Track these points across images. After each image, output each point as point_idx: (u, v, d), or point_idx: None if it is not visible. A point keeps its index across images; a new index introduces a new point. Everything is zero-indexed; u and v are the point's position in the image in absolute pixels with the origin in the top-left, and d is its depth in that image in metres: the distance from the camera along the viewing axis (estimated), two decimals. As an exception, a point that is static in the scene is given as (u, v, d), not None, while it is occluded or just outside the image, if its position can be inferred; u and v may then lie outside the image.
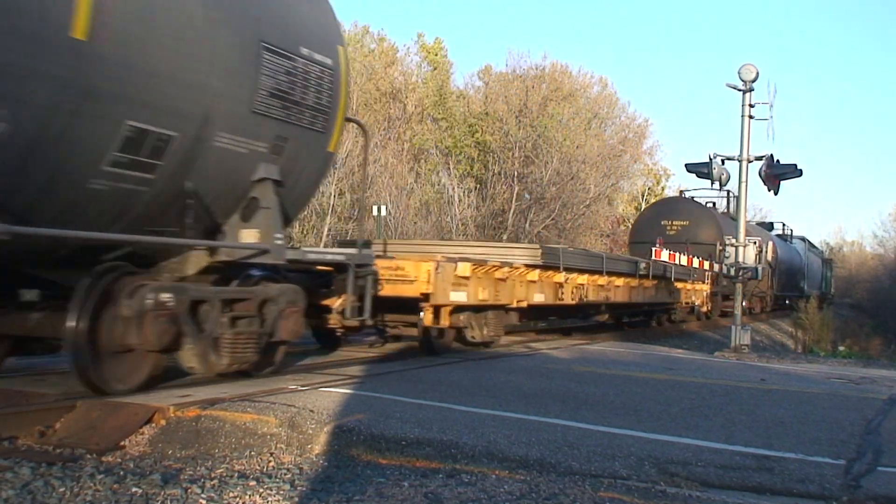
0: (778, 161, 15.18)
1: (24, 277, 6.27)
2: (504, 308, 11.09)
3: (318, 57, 7.32)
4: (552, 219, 35.27)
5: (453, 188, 32.98)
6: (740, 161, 15.18)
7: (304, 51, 7.14)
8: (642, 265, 16.23)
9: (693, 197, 27.86)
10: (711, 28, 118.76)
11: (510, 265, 10.97)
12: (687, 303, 21.66)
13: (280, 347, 7.56)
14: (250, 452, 5.04)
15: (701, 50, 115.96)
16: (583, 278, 13.41)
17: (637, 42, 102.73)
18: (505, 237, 33.18)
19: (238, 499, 4.11)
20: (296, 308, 7.46)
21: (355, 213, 27.61)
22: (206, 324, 6.60)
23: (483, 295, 10.31)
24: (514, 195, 34.92)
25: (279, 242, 7.00)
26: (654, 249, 15.36)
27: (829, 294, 49.03)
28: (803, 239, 42.87)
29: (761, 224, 37.78)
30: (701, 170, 16.44)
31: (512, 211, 34.79)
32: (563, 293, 12.58)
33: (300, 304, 7.54)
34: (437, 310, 9.56)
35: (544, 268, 11.88)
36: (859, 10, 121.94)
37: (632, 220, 35.69)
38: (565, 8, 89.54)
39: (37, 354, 7.32)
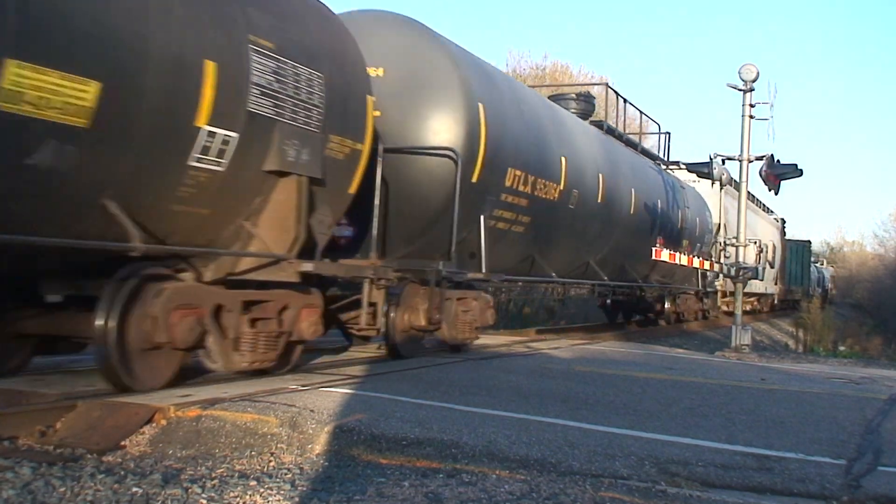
0: (778, 161, 15.18)
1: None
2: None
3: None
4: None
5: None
6: (741, 161, 15.18)
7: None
8: None
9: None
10: (712, 28, 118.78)
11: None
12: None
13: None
14: (251, 452, 5.04)
15: (701, 50, 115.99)
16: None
17: (637, 42, 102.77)
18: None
19: (239, 499, 4.11)
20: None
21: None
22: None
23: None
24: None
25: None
26: (654, 249, 15.25)
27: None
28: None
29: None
30: (701, 170, 16.46)
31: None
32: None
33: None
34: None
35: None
36: (860, 10, 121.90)
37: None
38: (565, 7, 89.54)
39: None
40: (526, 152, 10.84)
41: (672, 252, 15.61)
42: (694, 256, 17.47)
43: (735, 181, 16.13)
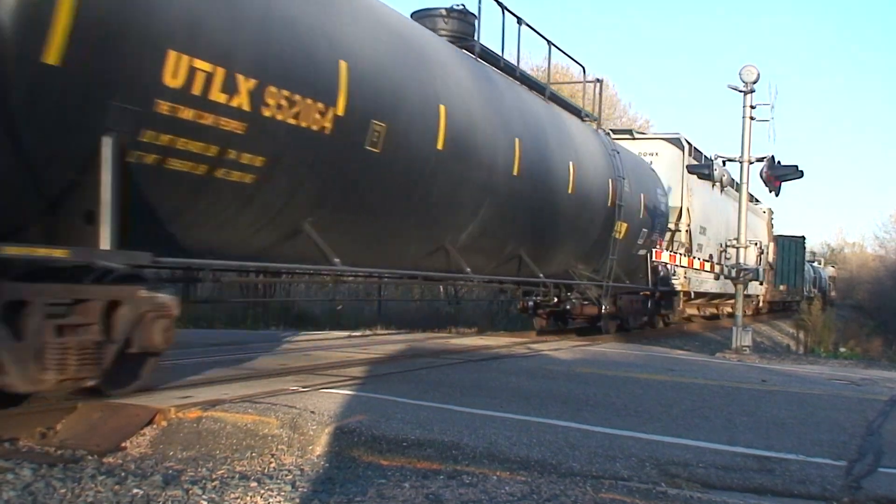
0: (779, 162, 15.17)
1: None
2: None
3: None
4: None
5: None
6: (741, 162, 15.18)
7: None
8: None
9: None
10: (712, 29, 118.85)
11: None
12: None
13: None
14: (251, 453, 5.04)
15: (702, 51, 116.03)
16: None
17: (638, 43, 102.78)
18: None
19: (239, 500, 4.11)
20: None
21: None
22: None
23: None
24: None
25: None
26: (654, 251, 15.24)
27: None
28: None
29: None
30: (702, 171, 16.45)
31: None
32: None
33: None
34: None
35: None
36: (860, 10, 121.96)
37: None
38: (565, 7, 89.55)
39: None
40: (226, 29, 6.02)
41: (673, 253, 15.44)
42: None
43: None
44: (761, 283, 24.04)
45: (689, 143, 20.89)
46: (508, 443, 5.13)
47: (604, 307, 15.13)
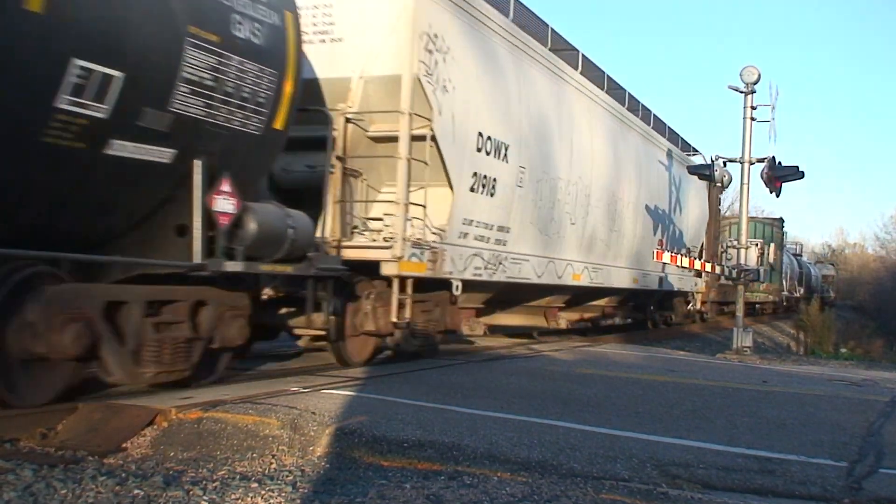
0: (780, 163, 15.15)
1: None
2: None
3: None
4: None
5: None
6: (742, 163, 15.16)
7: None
8: None
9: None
10: (713, 29, 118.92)
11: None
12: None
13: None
14: (252, 454, 5.04)
15: (702, 51, 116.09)
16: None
17: (638, 43, 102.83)
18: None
19: (240, 500, 4.11)
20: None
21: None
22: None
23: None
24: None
25: None
26: (654, 251, 15.20)
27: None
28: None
29: None
30: (703, 171, 16.44)
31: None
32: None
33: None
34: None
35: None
36: (861, 10, 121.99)
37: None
38: (565, 6, 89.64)
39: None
40: None
41: (673, 254, 15.23)
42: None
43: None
44: (699, 276, 19.51)
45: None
46: (509, 444, 5.13)
47: None
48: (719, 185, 16.84)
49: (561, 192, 12.42)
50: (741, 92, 14.93)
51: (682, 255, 15.90)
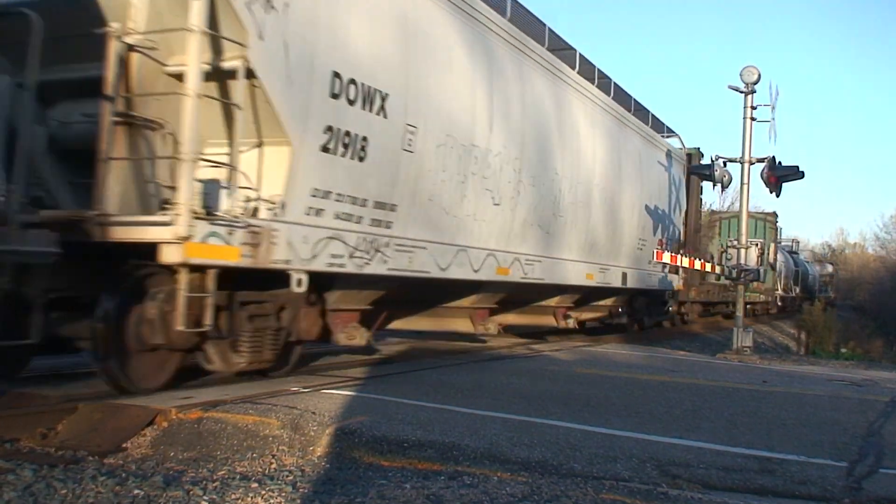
0: (780, 163, 15.14)
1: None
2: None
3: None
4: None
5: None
6: (742, 163, 15.16)
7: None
8: None
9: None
10: (713, 30, 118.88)
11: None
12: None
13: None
14: (252, 454, 5.04)
15: (703, 51, 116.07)
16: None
17: (638, 44, 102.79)
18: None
19: (240, 500, 4.11)
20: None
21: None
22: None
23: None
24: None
25: None
26: (654, 251, 15.17)
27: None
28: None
29: None
30: (703, 172, 16.42)
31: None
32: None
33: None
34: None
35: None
36: (861, 10, 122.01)
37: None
38: (565, 6, 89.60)
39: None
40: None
41: (674, 254, 15.04)
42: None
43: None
44: (678, 274, 18.07)
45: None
46: (509, 444, 5.13)
47: None
48: (719, 183, 16.54)
49: (477, 164, 9.45)
50: (741, 92, 14.93)
51: (682, 256, 15.84)
